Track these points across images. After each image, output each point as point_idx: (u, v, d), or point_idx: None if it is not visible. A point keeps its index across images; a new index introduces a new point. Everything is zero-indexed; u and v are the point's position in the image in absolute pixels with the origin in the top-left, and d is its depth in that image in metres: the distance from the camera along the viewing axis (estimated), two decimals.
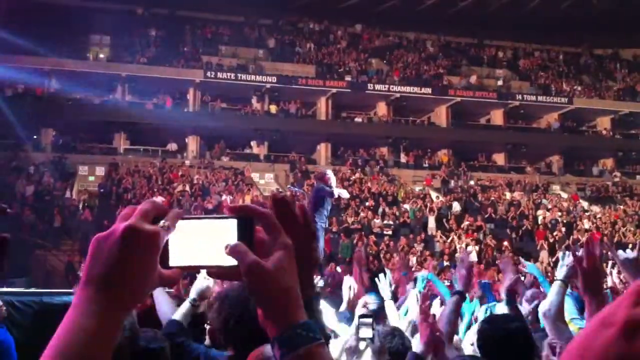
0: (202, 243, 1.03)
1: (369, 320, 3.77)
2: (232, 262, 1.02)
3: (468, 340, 4.70)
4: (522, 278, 7.71)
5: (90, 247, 0.99)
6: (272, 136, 34.10)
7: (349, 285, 5.87)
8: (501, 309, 4.87)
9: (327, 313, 5.95)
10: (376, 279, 5.99)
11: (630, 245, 22.99)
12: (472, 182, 33.50)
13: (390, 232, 26.89)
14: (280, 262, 1.03)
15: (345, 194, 11.90)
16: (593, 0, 40.71)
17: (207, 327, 3.61)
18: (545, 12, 40.82)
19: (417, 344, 3.49)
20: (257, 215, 1.06)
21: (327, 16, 40.86)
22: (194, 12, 38.32)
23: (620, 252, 3.40)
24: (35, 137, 32.07)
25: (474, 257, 24.67)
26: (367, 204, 28.65)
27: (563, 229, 28.56)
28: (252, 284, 1.02)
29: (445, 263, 22.51)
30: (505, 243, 26.46)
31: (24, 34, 30.34)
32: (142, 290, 1.00)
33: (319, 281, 5.61)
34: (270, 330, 1.04)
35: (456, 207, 29.90)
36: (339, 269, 18.13)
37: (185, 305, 3.96)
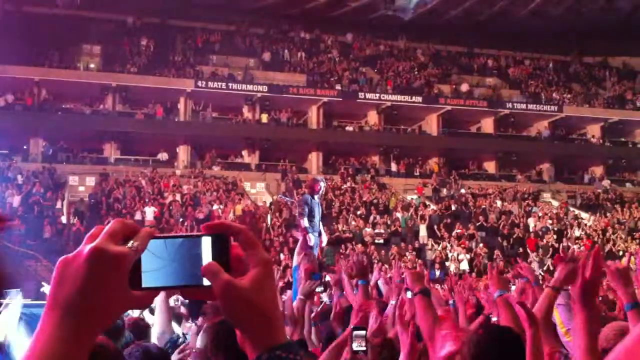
0: (175, 263, 1.00)
1: (363, 332, 3.74)
2: (207, 281, 0.98)
3: None
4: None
5: (55, 269, 0.95)
6: (264, 145, 34.10)
7: None
8: None
9: None
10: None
11: (620, 253, 22.98)
12: (463, 191, 33.53)
13: (381, 241, 26.90)
14: (256, 280, 0.99)
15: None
16: (582, 8, 40.99)
17: None
18: (534, 20, 41.06)
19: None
20: (233, 231, 1.02)
21: (318, 25, 40.95)
22: (184, 22, 38.32)
23: (608, 262, 3.40)
24: (25, 147, 31.96)
25: (465, 266, 24.75)
26: (358, 212, 28.65)
27: (554, 237, 28.66)
28: (226, 305, 0.99)
29: (437, 272, 22.53)
30: (497, 252, 26.50)
31: (14, 43, 30.29)
32: (109, 314, 0.96)
33: (316, 285, 5.56)
34: (249, 352, 1.00)
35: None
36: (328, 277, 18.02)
37: None
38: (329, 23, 40.62)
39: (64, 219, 26.51)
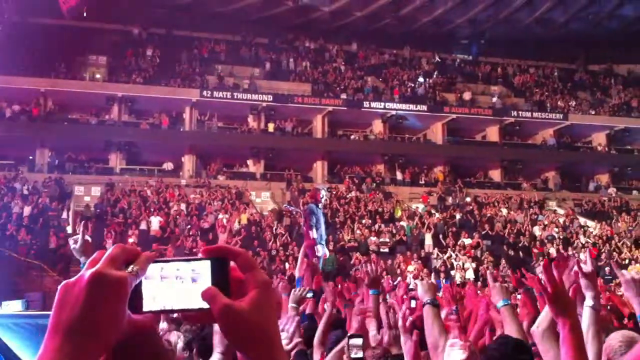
0: (176, 286, 1.01)
1: (359, 341, 3.75)
2: (207, 304, 1.00)
3: None
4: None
5: (57, 294, 0.97)
6: (269, 154, 34.12)
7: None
8: None
9: None
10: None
11: (626, 261, 22.81)
12: (468, 199, 33.47)
13: (386, 250, 26.85)
14: (255, 302, 1.00)
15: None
16: (587, 16, 41.01)
17: None
18: (539, 28, 41.11)
19: None
20: (231, 255, 1.04)
21: (323, 35, 41.08)
22: (190, 32, 38.48)
23: (624, 271, 3.39)
24: (31, 157, 32.07)
25: (470, 275, 24.69)
26: (363, 221, 28.62)
27: (560, 245, 28.56)
28: (226, 327, 1.00)
29: (442, 280, 22.45)
30: (503, 260, 26.42)
31: (20, 54, 30.46)
32: (110, 338, 0.97)
33: (306, 292, 5.56)
34: None
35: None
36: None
37: None
38: (334, 32, 40.75)
39: (69, 229, 26.55)
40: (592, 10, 40.71)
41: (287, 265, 23.04)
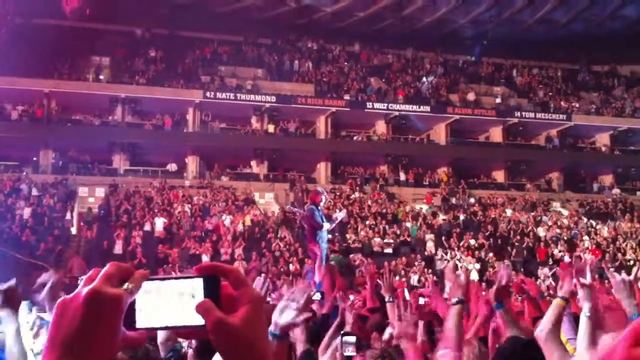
0: (168, 303, 1.04)
1: (353, 339, 3.74)
2: (199, 321, 1.02)
3: None
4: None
5: (55, 310, 0.99)
6: (272, 155, 34.15)
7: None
8: None
9: None
10: None
11: (631, 262, 22.75)
12: (472, 200, 33.45)
13: (390, 251, 26.84)
14: (247, 317, 1.03)
15: (341, 215, 12.60)
16: (590, 16, 40.96)
17: None
18: (542, 29, 41.07)
19: None
20: (223, 272, 1.06)
21: (326, 35, 41.08)
22: (193, 33, 38.49)
23: (615, 273, 3.42)
24: (35, 158, 32.13)
25: (474, 276, 24.66)
26: (367, 222, 28.61)
27: (565, 246, 28.54)
28: (219, 341, 1.02)
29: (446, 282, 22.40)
30: (507, 261, 26.35)
31: (24, 55, 30.50)
32: (105, 355, 0.99)
33: (314, 293, 5.53)
34: None
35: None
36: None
37: None
38: (337, 33, 40.75)
39: (73, 230, 26.63)
40: (594, 11, 40.66)
41: (291, 266, 23.03)
